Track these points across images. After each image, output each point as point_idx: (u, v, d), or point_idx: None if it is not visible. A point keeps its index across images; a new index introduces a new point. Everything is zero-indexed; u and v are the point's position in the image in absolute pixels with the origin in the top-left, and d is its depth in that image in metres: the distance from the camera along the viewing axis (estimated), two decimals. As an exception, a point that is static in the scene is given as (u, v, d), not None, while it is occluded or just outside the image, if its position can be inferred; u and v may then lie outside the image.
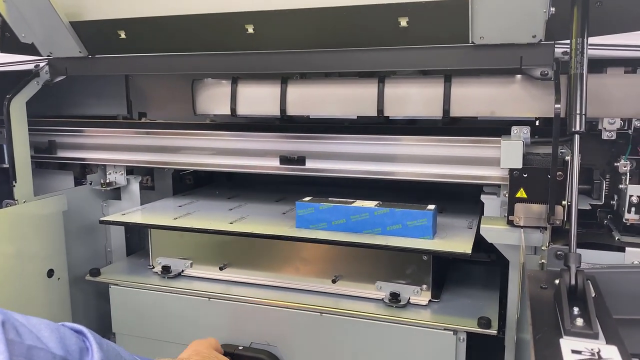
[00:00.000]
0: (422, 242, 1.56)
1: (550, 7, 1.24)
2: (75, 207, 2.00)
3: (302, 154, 1.77)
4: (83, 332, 0.80)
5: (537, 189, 1.39)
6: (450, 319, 1.52)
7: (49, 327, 0.73)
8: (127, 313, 1.83)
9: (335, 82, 1.72)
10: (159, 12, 1.58)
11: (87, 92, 2.34)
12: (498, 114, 1.53)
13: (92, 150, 2.07)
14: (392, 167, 1.69)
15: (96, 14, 1.65)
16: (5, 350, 0.62)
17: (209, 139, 1.90)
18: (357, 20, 1.44)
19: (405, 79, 1.63)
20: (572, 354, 0.87)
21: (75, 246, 2.03)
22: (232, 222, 1.80)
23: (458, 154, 1.61)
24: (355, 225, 1.64)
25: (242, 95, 1.78)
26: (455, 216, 1.87)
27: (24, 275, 1.75)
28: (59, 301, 1.90)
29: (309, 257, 1.71)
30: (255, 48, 1.59)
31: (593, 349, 0.88)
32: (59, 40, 1.74)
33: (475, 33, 1.36)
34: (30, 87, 1.82)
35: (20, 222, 1.75)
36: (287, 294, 1.68)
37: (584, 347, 0.88)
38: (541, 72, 1.37)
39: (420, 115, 1.62)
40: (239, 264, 1.78)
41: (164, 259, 1.87)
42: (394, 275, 1.62)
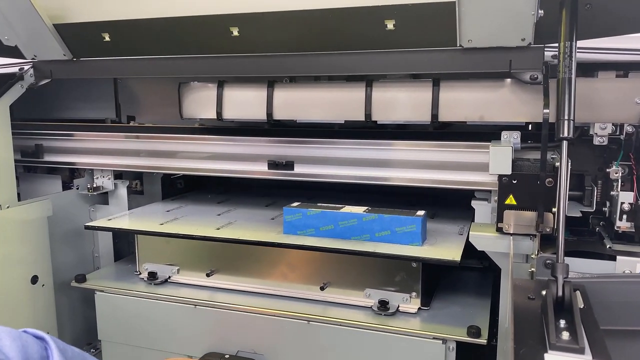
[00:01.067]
0: (411, 249, 1.53)
1: (538, 10, 1.21)
2: (61, 212, 1.98)
3: (291, 158, 1.74)
4: (45, 339, 0.77)
5: (527, 195, 1.36)
6: (439, 328, 1.49)
7: (10, 336, 0.71)
8: (113, 320, 1.80)
9: (322, 86, 1.69)
10: (142, 14, 1.55)
11: (76, 95, 2.32)
12: (487, 119, 1.50)
13: (80, 154, 2.04)
14: (381, 172, 1.66)
15: (79, 16, 1.63)
16: None
17: (197, 143, 1.87)
18: (343, 23, 1.42)
19: (393, 83, 1.60)
20: (556, 370, 0.83)
21: (62, 252, 2.00)
22: (220, 227, 1.77)
23: (448, 159, 1.58)
24: (343, 231, 1.61)
25: (228, 99, 1.76)
26: (446, 222, 1.84)
27: (7, 281, 1.73)
28: (44, 308, 1.87)
29: (296, 263, 1.68)
30: (240, 51, 1.56)
31: (578, 365, 0.84)
32: (43, 43, 1.71)
33: (464, 36, 1.33)
34: (14, 91, 1.80)
35: (3, 227, 1.72)
36: (275, 301, 1.65)
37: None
38: (530, 76, 1.34)
39: (408, 120, 1.59)
40: (226, 271, 1.76)
41: (150, 264, 1.84)
42: (383, 282, 1.59)
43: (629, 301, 1.15)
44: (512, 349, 0.88)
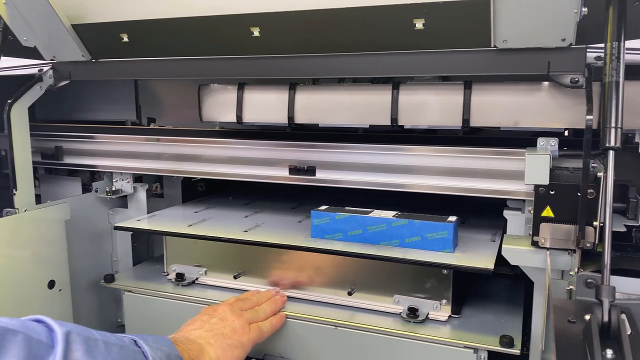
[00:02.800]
0: (442, 256, 1.47)
1: (582, 8, 1.11)
2: (79, 216, 1.94)
3: (312, 163, 1.67)
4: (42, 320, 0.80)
5: (566, 207, 1.27)
6: (470, 336, 1.42)
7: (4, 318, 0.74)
8: (141, 320, 1.78)
9: (346, 88, 1.62)
10: (161, 14, 1.50)
11: (96, 97, 2.30)
12: (522, 125, 1.41)
13: (100, 156, 2.01)
14: (407, 179, 1.58)
15: (97, 16, 1.59)
16: None
17: (218, 146, 1.82)
18: (370, 23, 1.34)
19: (421, 86, 1.52)
20: (605, 410, 0.75)
21: (80, 255, 1.97)
22: (247, 230, 1.74)
23: (479, 166, 1.49)
24: (372, 236, 1.55)
25: (248, 101, 1.70)
26: (478, 228, 1.76)
27: (24, 286, 1.70)
28: (61, 313, 1.83)
29: (324, 267, 1.63)
30: (262, 52, 1.50)
31: (629, 403, 0.75)
32: (61, 44, 1.68)
33: (498, 36, 1.24)
34: (33, 92, 1.77)
35: (20, 231, 1.69)
36: (302, 305, 1.61)
37: (619, 401, 0.76)
38: (571, 79, 1.25)
39: (437, 124, 1.51)
40: (253, 273, 1.72)
41: (178, 266, 1.81)
42: (413, 288, 1.53)
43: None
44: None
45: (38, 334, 0.75)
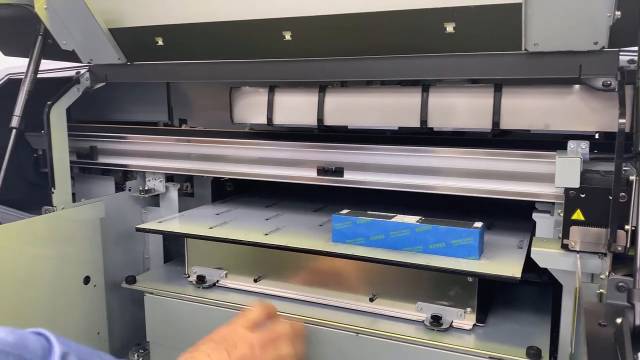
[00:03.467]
0: (467, 263, 1.46)
1: (615, 11, 1.11)
2: (113, 214, 2.00)
3: (341, 165, 1.70)
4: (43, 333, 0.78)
5: (596, 210, 1.26)
6: (496, 347, 1.41)
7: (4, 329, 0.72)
8: (161, 322, 1.81)
9: (375, 90, 1.64)
10: (195, 18, 1.55)
11: (130, 98, 2.36)
12: (553, 128, 1.41)
13: (132, 156, 2.07)
14: (435, 181, 1.60)
15: (133, 20, 1.64)
16: None
17: (247, 147, 1.86)
18: (400, 26, 1.36)
19: (451, 88, 1.53)
20: (637, 412, 0.75)
21: (113, 252, 2.03)
22: (267, 233, 1.75)
23: (508, 168, 1.50)
24: (395, 241, 1.55)
25: (279, 104, 1.73)
26: (505, 233, 1.75)
27: (60, 281, 1.76)
28: (95, 308, 1.90)
29: (345, 272, 1.64)
30: (293, 55, 1.53)
31: (661, 407, 0.76)
32: (98, 47, 1.74)
33: (529, 39, 1.25)
34: (71, 94, 1.83)
35: (58, 228, 1.75)
36: (322, 311, 1.62)
37: (650, 403, 0.77)
38: (603, 82, 1.24)
39: (467, 127, 1.52)
40: (273, 277, 1.73)
41: (199, 268, 1.84)
42: (436, 296, 1.53)
43: None
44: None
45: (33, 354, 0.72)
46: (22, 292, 1.62)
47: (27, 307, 1.62)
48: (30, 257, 1.65)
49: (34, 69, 1.74)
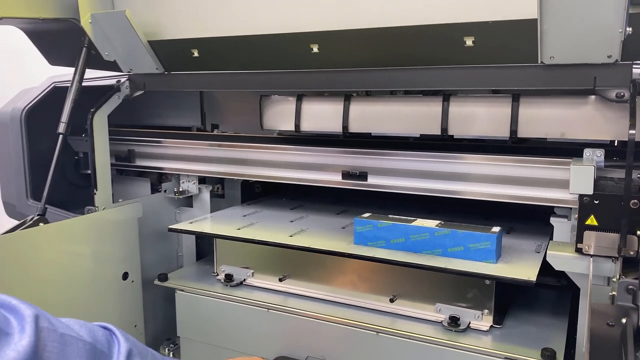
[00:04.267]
0: (484, 266, 1.51)
1: (626, 27, 1.17)
2: (150, 214, 2.12)
3: (364, 169, 1.77)
4: (109, 327, 0.85)
5: (610, 216, 1.31)
6: (512, 348, 1.46)
7: (78, 323, 0.80)
8: (191, 318, 1.91)
9: (397, 99, 1.71)
10: (229, 32, 1.65)
11: (165, 104, 2.48)
12: (568, 136, 1.46)
13: (168, 160, 2.19)
14: (456, 186, 1.66)
15: (172, 34, 1.75)
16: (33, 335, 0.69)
17: (275, 152, 1.95)
18: (422, 40, 1.43)
19: (470, 98, 1.59)
20: (633, 404, 0.81)
21: (149, 250, 2.14)
22: (292, 234, 1.84)
23: (527, 174, 1.55)
24: (414, 245, 1.61)
25: (306, 112, 1.82)
26: (523, 238, 1.80)
27: (100, 277, 1.88)
28: (132, 303, 2.01)
29: (366, 274, 1.71)
30: (319, 67, 1.62)
31: (657, 400, 0.82)
32: (138, 58, 1.85)
33: (545, 53, 1.31)
34: (112, 101, 1.96)
35: (99, 227, 1.88)
36: (344, 310, 1.69)
37: (647, 397, 0.83)
38: (617, 93, 1.30)
39: (486, 135, 1.58)
40: (297, 276, 1.82)
41: (227, 267, 1.93)
42: (455, 298, 1.59)
43: None
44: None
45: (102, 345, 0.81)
46: (67, 285, 1.74)
47: (71, 299, 1.74)
48: (75, 253, 1.78)
49: (78, 79, 1.87)
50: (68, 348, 0.73)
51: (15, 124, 2.17)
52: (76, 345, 0.74)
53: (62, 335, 0.73)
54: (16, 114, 2.17)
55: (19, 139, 2.17)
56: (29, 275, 1.62)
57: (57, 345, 0.72)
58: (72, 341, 0.74)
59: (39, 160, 2.18)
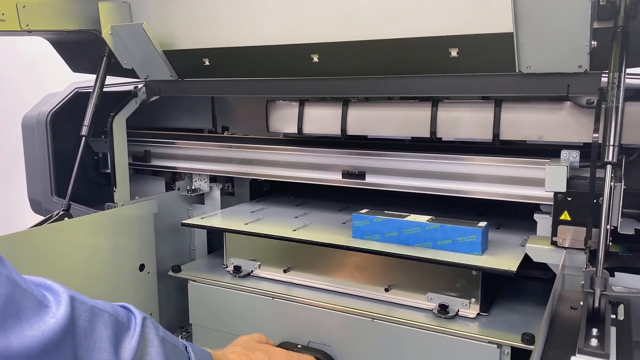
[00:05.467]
0: (470, 258, 1.64)
1: (591, 41, 1.29)
2: (164, 210, 2.27)
3: (363, 169, 1.91)
4: (127, 306, 0.97)
5: (581, 212, 1.44)
6: (496, 333, 1.57)
7: (101, 301, 0.91)
8: (203, 307, 2.05)
9: (391, 105, 1.85)
10: (237, 43, 1.79)
11: (179, 108, 2.62)
12: (546, 139, 1.59)
13: (181, 160, 2.34)
14: (446, 185, 1.79)
15: (185, 44, 1.90)
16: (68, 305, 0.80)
17: (281, 153, 2.09)
18: (412, 51, 1.56)
19: (457, 103, 1.73)
20: (578, 371, 0.95)
21: (164, 244, 2.29)
22: (296, 229, 1.97)
23: (512, 174, 1.68)
24: (407, 238, 1.74)
25: (308, 116, 1.96)
26: (511, 233, 1.91)
27: (119, 268, 2.04)
28: (148, 292, 2.17)
29: (364, 265, 1.84)
30: (320, 75, 1.75)
31: (600, 368, 0.95)
32: (154, 66, 2.01)
33: (522, 63, 1.44)
34: (130, 106, 2.11)
35: (119, 222, 2.03)
36: (344, 299, 1.81)
37: (592, 366, 0.96)
38: (587, 100, 1.42)
39: (471, 137, 1.71)
40: (301, 268, 1.95)
41: (236, 259, 2.07)
42: (445, 287, 1.71)
43: (675, 317, 1.21)
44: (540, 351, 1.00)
45: (122, 318, 0.92)
46: (89, 275, 1.90)
47: (92, 289, 1.89)
48: (96, 245, 1.94)
49: (99, 85, 2.02)
50: (97, 318, 0.85)
51: (41, 127, 2.34)
52: (103, 316, 0.87)
53: (92, 307, 0.86)
54: (42, 117, 2.34)
55: (44, 141, 2.34)
56: (55, 265, 1.78)
57: (88, 315, 0.84)
58: (99, 313, 0.86)
59: (62, 160, 2.35)
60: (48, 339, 0.75)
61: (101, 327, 0.85)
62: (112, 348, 0.85)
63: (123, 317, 0.92)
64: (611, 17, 1.27)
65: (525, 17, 1.31)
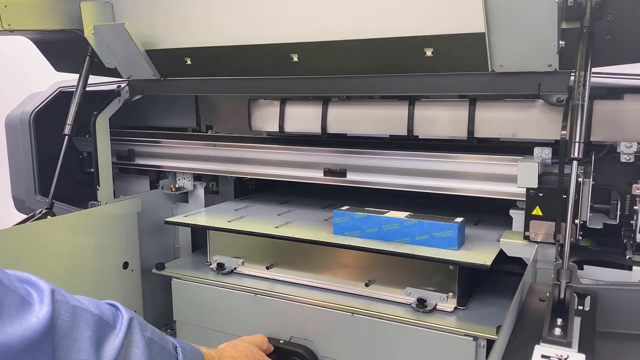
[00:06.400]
0: (447, 253, 1.68)
1: (560, 41, 1.33)
2: (148, 208, 2.29)
3: (344, 167, 1.94)
4: (115, 304, 0.98)
5: (552, 207, 1.48)
6: (472, 326, 1.61)
7: (87, 299, 0.92)
8: (186, 304, 2.07)
9: (370, 104, 1.88)
10: (218, 42, 1.82)
11: (163, 107, 2.64)
12: (519, 136, 1.63)
13: (165, 158, 2.36)
14: (426, 182, 1.82)
15: (166, 43, 1.92)
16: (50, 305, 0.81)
17: (264, 151, 2.12)
18: (388, 51, 1.60)
19: (433, 102, 1.76)
20: (541, 358, 0.98)
21: (148, 242, 2.31)
22: (278, 226, 2.00)
23: (490, 170, 1.71)
24: (386, 234, 1.78)
25: (289, 114, 1.99)
26: (489, 228, 1.95)
27: (103, 266, 2.05)
28: (132, 290, 2.19)
29: (345, 261, 1.87)
30: (300, 74, 1.78)
31: (562, 355, 0.99)
32: (136, 65, 2.03)
33: (495, 62, 1.47)
34: (113, 105, 2.13)
35: (102, 220, 2.05)
36: (325, 294, 1.85)
37: (554, 353, 1.00)
38: (557, 98, 1.46)
39: (446, 135, 1.75)
40: (283, 265, 1.98)
41: (219, 257, 2.09)
42: (423, 282, 1.74)
43: (639, 308, 1.26)
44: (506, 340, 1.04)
45: (107, 317, 0.92)
46: (73, 273, 1.92)
47: (76, 287, 1.89)
48: (80, 243, 1.96)
49: (82, 84, 2.04)
50: (78, 318, 0.85)
51: (24, 126, 2.35)
52: (85, 316, 0.86)
53: (74, 307, 0.85)
54: (25, 116, 2.35)
55: (27, 140, 2.35)
56: (38, 263, 1.79)
57: (69, 315, 0.84)
58: (81, 312, 0.86)
59: (46, 159, 2.36)
60: (28, 338, 0.76)
61: (82, 326, 0.85)
62: (93, 348, 0.85)
63: (108, 316, 0.92)
64: (578, 18, 1.31)
65: (496, 17, 1.35)
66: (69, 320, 0.83)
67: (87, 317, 0.86)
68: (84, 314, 0.86)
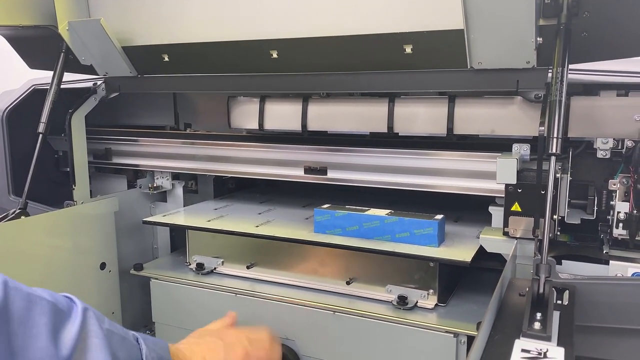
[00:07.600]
0: (427, 250, 1.68)
1: (537, 38, 1.34)
2: (126, 208, 2.25)
3: (324, 164, 1.94)
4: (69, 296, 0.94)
5: (531, 203, 1.49)
6: (452, 323, 1.62)
7: (41, 289, 0.89)
8: (165, 305, 2.04)
9: (350, 101, 1.88)
10: (195, 39, 1.79)
11: (140, 105, 2.60)
12: (498, 132, 1.64)
13: (143, 157, 2.33)
14: (406, 179, 1.83)
15: (143, 40, 1.89)
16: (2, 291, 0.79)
17: (244, 149, 2.10)
18: (368, 47, 1.59)
19: (413, 99, 1.76)
20: (521, 352, 0.99)
21: (126, 242, 2.28)
22: (259, 225, 1.99)
23: (470, 167, 1.72)
24: (367, 231, 1.78)
25: (268, 112, 1.98)
26: (469, 225, 1.96)
27: (80, 267, 2.01)
28: (110, 291, 2.15)
29: (326, 259, 1.86)
30: (279, 71, 1.77)
31: (541, 349, 0.99)
32: (113, 62, 1.99)
33: (474, 59, 1.48)
34: (89, 103, 2.09)
35: (78, 220, 2.01)
36: (306, 293, 1.83)
37: (534, 347, 1.00)
38: (535, 95, 1.48)
39: (426, 132, 1.75)
40: (264, 264, 1.96)
41: (199, 257, 2.07)
42: (404, 279, 1.74)
43: (617, 301, 1.28)
44: (487, 335, 1.04)
45: (62, 306, 0.89)
46: (48, 275, 1.87)
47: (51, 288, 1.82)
48: (55, 244, 1.91)
49: (57, 82, 1.99)
50: (33, 305, 0.83)
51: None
52: (40, 303, 0.84)
53: (28, 294, 0.83)
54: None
55: (0, 139, 2.30)
56: (11, 265, 1.74)
57: (24, 303, 0.82)
58: (36, 300, 0.84)
59: (19, 159, 2.31)
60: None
61: (38, 313, 0.83)
62: (50, 335, 0.83)
63: (63, 304, 0.90)
64: (555, 15, 1.32)
65: (474, 14, 1.35)
66: (24, 307, 0.81)
67: (43, 304, 0.84)
68: (39, 301, 0.84)
